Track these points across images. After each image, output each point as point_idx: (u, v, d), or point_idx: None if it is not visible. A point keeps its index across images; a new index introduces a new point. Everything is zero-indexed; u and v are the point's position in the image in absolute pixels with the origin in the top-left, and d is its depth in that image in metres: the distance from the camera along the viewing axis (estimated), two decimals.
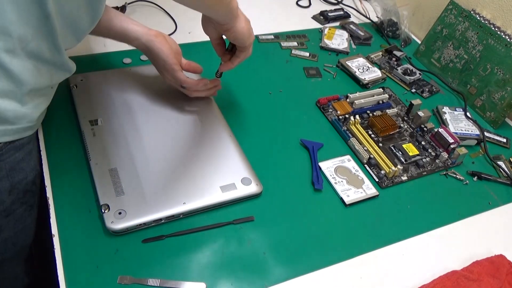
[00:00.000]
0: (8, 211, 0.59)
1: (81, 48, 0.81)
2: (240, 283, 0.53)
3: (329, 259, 0.57)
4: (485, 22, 0.86)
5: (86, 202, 0.58)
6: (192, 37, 0.90)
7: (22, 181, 0.59)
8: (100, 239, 0.55)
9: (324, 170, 0.68)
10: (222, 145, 0.67)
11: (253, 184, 0.62)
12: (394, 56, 0.94)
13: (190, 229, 0.57)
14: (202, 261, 0.55)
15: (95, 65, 0.78)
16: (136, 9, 0.94)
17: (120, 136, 0.64)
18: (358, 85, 0.87)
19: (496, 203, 0.69)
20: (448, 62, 0.92)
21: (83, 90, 0.71)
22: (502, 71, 0.82)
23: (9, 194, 0.57)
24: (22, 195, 0.60)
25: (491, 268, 0.59)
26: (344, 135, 0.74)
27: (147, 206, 0.56)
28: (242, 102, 0.78)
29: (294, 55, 0.91)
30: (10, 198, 0.58)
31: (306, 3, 1.10)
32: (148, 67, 0.78)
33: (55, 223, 0.55)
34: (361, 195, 0.65)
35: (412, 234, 0.62)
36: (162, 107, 0.71)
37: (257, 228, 0.59)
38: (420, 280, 0.57)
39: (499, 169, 0.75)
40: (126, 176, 0.59)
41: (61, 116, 0.68)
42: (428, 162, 0.73)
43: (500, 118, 0.83)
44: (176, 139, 0.66)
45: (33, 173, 0.60)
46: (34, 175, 0.61)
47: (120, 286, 0.51)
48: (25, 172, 0.58)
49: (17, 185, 0.58)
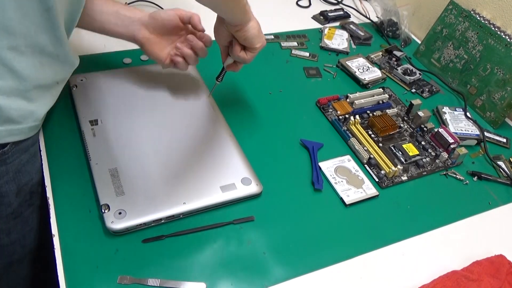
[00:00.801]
0: (16, 214, 0.59)
1: (81, 48, 0.81)
2: (240, 283, 0.53)
3: (329, 259, 0.57)
4: (485, 22, 0.86)
5: (86, 202, 0.58)
6: None
7: (28, 183, 0.59)
8: (100, 239, 0.55)
9: (324, 170, 0.68)
10: (222, 145, 0.67)
11: (253, 184, 0.62)
12: (394, 56, 0.94)
13: (190, 229, 0.57)
14: (202, 261, 0.55)
15: (95, 65, 0.78)
16: None
17: (120, 136, 0.64)
18: (358, 85, 0.87)
19: (496, 203, 0.69)
20: (448, 62, 0.92)
21: (83, 90, 0.71)
22: (502, 71, 0.82)
23: (16, 197, 0.58)
24: (29, 197, 0.60)
25: (491, 268, 0.59)
26: (344, 135, 0.74)
27: (147, 206, 0.56)
28: (242, 102, 0.78)
29: (294, 55, 0.91)
30: (17, 201, 0.58)
31: (306, 3, 1.10)
32: (148, 67, 0.78)
33: (55, 223, 0.55)
34: (361, 195, 0.65)
35: (412, 234, 0.62)
36: (162, 107, 0.71)
37: (257, 228, 0.59)
38: (420, 280, 0.57)
39: (499, 169, 0.75)
40: (126, 176, 0.59)
41: (61, 116, 0.68)
42: (428, 162, 0.73)
43: (500, 118, 0.83)
44: (176, 139, 0.66)
45: (38, 175, 0.60)
46: (39, 177, 0.61)
47: (120, 286, 0.51)
48: (31, 174, 0.59)
49: (23, 187, 0.58)
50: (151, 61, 0.81)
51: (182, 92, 0.74)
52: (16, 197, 0.58)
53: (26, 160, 0.57)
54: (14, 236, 0.61)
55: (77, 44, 0.81)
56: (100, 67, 0.77)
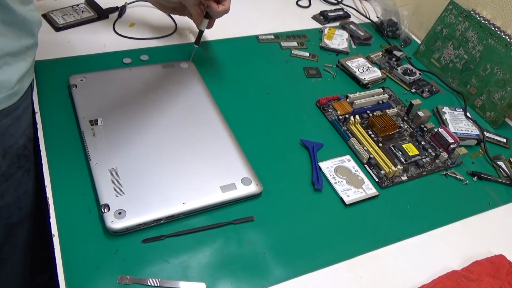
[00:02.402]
0: (6, 176, 0.60)
1: (81, 48, 0.81)
2: (240, 283, 0.53)
3: (329, 259, 0.57)
4: (485, 22, 0.86)
5: (86, 202, 0.58)
6: (192, 37, 0.90)
7: (14, 145, 0.60)
8: (100, 239, 0.55)
9: (324, 170, 0.68)
10: (222, 145, 0.67)
11: (253, 184, 0.62)
12: (394, 56, 0.94)
13: (190, 229, 0.57)
14: (202, 261, 0.55)
15: (95, 65, 0.78)
16: (137, 9, 0.94)
17: (120, 136, 0.64)
18: (358, 85, 0.87)
19: (496, 203, 0.69)
20: (448, 62, 0.92)
21: (83, 90, 0.71)
22: (502, 71, 0.82)
23: (3, 158, 0.58)
24: (17, 159, 0.61)
25: (491, 268, 0.59)
26: (344, 135, 0.74)
27: (147, 206, 0.56)
28: (242, 102, 0.78)
29: (294, 55, 0.91)
30: (5, 162, 0.59)
31: (306, 3, 1.10)
32: (148, 67, 0.78)
33: (55, 223, 0.55)
34: (361, 195, 0.65)
35: (412, 234, 0.62)
36: (162, 107, 0.71)
37: (257, 228, 0.59)
38: (420, 280, 0.57)
39: (499, 169, 0.75)
40: (126, 176, 0.59)
41: (61, 116, 0.68)
42: (428, 162, 0.73)
43: (500, 118, 0.83)
44: (176, 139, 0.66)
45: (23, 138, 0.61)
46: (25, 140, 0.62)
47: (120, 286, 0.51)
48: (15, 137, 0.60)
49: (9, 150, 0.59)
50: (151, 61, 0.81)
51: (182, 92, 0.74)
52: (3, 158, 0.58)
53: (9, 124, 0.57)
54: (8, 198, 0.62)
55: (77, 44, 0.81)
56: (100, 67, 0.77)
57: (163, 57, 0.83)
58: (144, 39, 0.86)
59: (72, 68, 0.76)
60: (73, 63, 0.78)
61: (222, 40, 0.91)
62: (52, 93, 0.71)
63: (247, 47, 0.91)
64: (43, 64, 0.76)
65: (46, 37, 0.81)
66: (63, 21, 0.85)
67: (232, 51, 0.88)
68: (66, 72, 0.74)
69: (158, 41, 0.87)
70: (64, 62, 0.78)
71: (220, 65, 0.85)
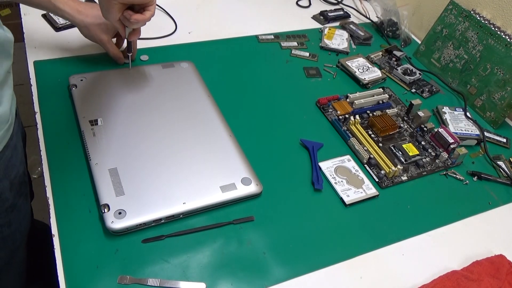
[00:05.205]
0: (12, 206, 0.60)
1: (81, 48, 0.81)
2: (240, 283, 0.53)
3: (329, 259, 0.57)
4: (485, 22, 0.86)
5: (86, 202, 0.58)
6: (192, 37, 0.90)
7: (16, 175, 0.60)
8: (100, 239, 0.55)
9: (324, 170, 0.68)
10: (222, 145, 0.67)
11: (253, 184, 0.62)
12: (394, 56, 0.94)
13: (190, 229, 0.57)
14: (202, 261, 0.55)
15: (95, 65, 0.78)
16: None
17: (120, 136, 0.64)
18: (358, 85, 0.87)
19: (496, 203, 0.69)
20: (448, 62, 0.92)
21: (83, 90, 0.71)
22: (502, 71, 0.82)
23: (10, 191, 0.59)
24: (19, 187, 0.61)
25: (491, 268, 0.59)
26: (344, 135, 0.74)
27: (147, 206, 0.56)
28: (242, 102, 0.78)
29: (294, 55, 0.91)
30: (11, 194, 0.59)
31: (306, 3, 1.10)
32: (148, 67, 0.78)
33: (55, 223, 0.55)
34: (361, 195, 0.65)
35: (412, 234, 0.62)
36: (162, 107, 0.71)
37: (257, 228, 0.59)
38: (420, 280, 0.57)
39: (499, 169, 0.75)
40: (126, 176, 0.59)
41: (61, 116, 0.68)
42: (428, 162, 0.73)
43: (500, 118, 0.83)
44: (176, 138, 0.66)
45: (22, 166, 0.62)
46: (24, 167, 0.62)
47: (120, 286, 0.51)
48: (16, 166, 0.60)
49: (14, 181, 0.59)
50: (151, 61, 0.81)
51: (182, 92, 0.74)
52: (10, 191, 0.59)
53: (11, 155, 0.57)
54: (14, 226, 0.63)
55: (77, 44, 0.81)
56: (100, 67, 0.77)
57: (163, 57, 0.83)
58: (144, 39, 0.86)
59: (72, 68, 0.76)
60: (73, 63, 0.78)
61: (222, 40, 0.91)
62: (52, 93, 0.71)
63: (247, 47, 0.91)
64: (43, 64, 0.76)
65: (46, 37, 0.81)
66: (63, 21, 0.85)
67: (232, 51, 0.88)
68: (66, 72, 0.74)
69: (158, 41, 0.87)
70: (64, 62, 0.78)
71: (220, 65, 0.85)
